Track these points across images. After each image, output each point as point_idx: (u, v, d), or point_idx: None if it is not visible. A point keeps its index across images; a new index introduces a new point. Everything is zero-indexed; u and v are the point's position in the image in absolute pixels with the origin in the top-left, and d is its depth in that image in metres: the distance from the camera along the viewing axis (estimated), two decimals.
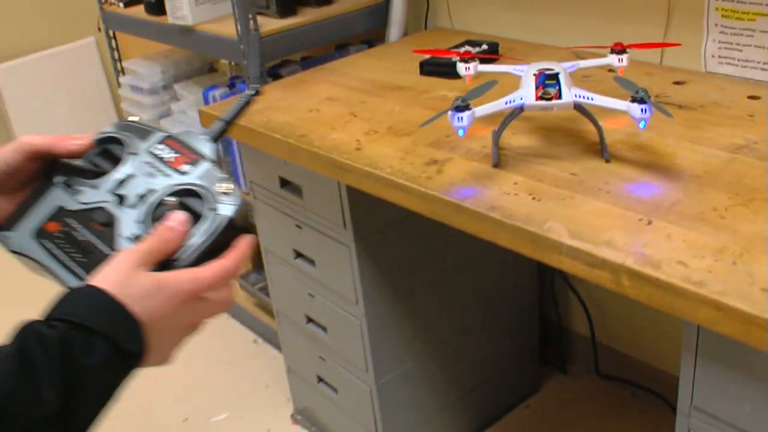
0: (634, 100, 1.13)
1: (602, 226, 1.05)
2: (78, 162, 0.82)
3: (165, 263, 0.72)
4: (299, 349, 1.95)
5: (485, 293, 1.89)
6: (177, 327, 0.72)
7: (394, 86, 1.69)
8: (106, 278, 0.67)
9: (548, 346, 2.16)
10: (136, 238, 0.75)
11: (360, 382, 1.76)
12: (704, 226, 1.03)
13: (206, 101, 2.20)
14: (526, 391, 2.10)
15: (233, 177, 2.26)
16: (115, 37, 2.54)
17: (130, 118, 0.85)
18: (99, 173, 0.81)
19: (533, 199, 1.14)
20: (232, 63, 2.54)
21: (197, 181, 0.78)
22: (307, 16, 2.02)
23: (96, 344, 0.63)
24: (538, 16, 1.86)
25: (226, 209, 0.76)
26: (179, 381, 2.30)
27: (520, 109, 1.21)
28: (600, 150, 1.25)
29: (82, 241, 0.77)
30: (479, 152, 1.30)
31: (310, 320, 1.84)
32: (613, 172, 1.20)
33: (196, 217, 0.76)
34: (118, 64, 2.56)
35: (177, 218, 0.74)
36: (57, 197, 0.80)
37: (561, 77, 1.20)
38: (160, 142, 0.82)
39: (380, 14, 2.13)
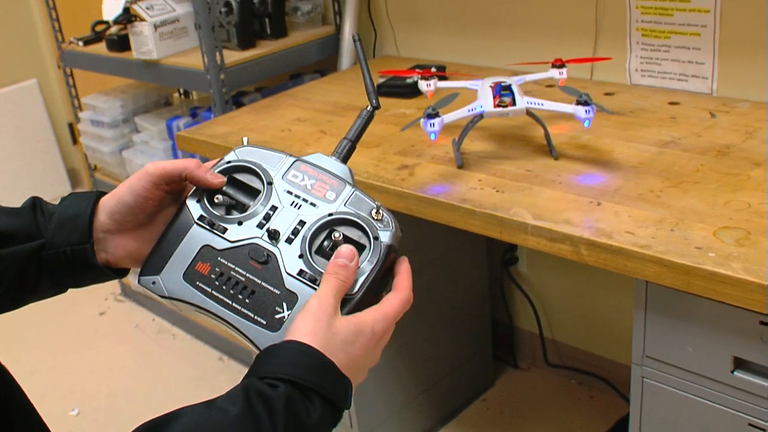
0: (578, 102, 1.33)
1: (559, 209, 1.24)
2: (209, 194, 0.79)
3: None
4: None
5: (442, 298, 2.06)
6: (368, 364, 0.74)
7: (355, 107, 1.86)
8: (309, 331, 0.67)
9: (500, 344, 2.34)
10: (300, 273, 0.74)
11: None
12: (645, 204, 1.22)
13: (170, 131, 2.32)
14: (482, 386, 2.27)
15: None
16: (72, 75, 2.65)
17: (246, 142, 0.82)
18: (237, 205, 0.78)
19: (497, 191, 1.32)
20: (184, 96, 2.68)
21: (350, 209, 0.76)
22: (265, 48, 2.18)
23: (316, 403, 0.65)
24: (478, 41, 2.06)
25: (385, 236, 0.75)
26: (151, 399, 2.39)
27: (480, 116, 1.39)
28: (548, 150, 1.44)
29: (241, 281, 0.74)
30: (443, 157, 1.48)
31: None
32: (563, 167, 1.39)
33: (355, 244, 0.75)
34: (76, 101, 2.67)
35: (347, 254, 0.73)
36: (199, 236, 0.76)
37: (514, 87, 1.39)
38: (294, 168, 0.79)
39: (331, 45, 2.31)
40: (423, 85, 1.57)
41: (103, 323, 2.82)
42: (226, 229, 0.76)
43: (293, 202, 0.77)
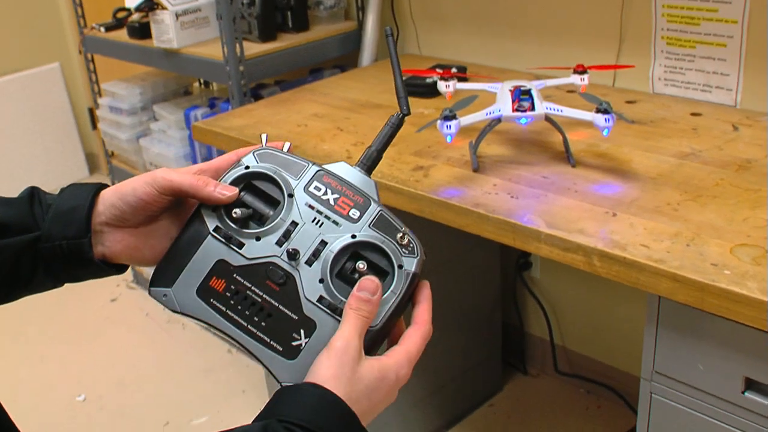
0: (598, 111, 1.31)
1: (574, 218, 1.22)
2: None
3: None
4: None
5: (453, 300, 2.04)
6: (385, 406, 0.71)
7: (373, 104, 1.85)
8: (333, 376, 0.65)
9: (510, 349, 2.32)
10: (320, 300, 0.70)
11: None
12: (661, 217, 1.20)
13: (187, 120, 2.32)
14: (490, 390, 2.25)
15: None
16: (93, 61, 2.65)
17: (265, 140, 0.77)
18: (255, 216, 0.74)
19: (511, 197, 1.30)
20: (204, 86, 2.68)
21: (375, 233, 0.72)
22: (285, 41, 2.17)
23: None
24: (500, 43, 2.04)
25: (410, 264, 0.71)
26: (158, 389, 2.39)
27: (498, 120, 1.37)
28: (566, 157, 1.42)
29: (257, 302, 0.71)
30: (459, 159, 1.46)
31: None
32: (579, 175, 1.37)
33: (377, 270, 0.72)
34: (96, 87, 2.67)
35: (370, 287, 0.69)
36: (214, 249, 0.72)
37: (533, 92, 1.37)
38: (317, 179, 0.74)
39: (352, 40, 2.29)
40: (442, 86, 1.55)
41: (114, 310, 2.82)
42: (243, 244, 0.72)
43: (315, 218, 0.73)
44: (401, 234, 0.72)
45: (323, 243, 0.72)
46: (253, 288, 0.71)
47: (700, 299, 1.05)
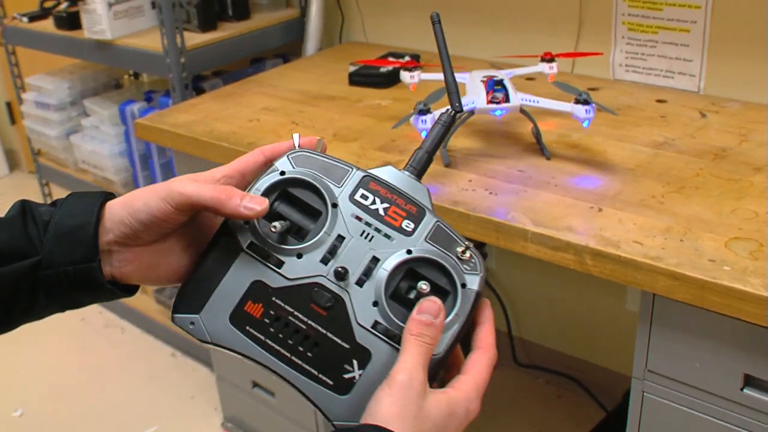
0: (577, 101, 1.26)
1: (560, 215, 1.17)
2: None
3: None
4: (232, 356, 1.98)
5: None
6: None
7: (326, 96, 1.77)
8: (396, 415, 0.57)
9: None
10: (375, 326, 0.62)
11: None
12: (648, 211, 1.17)
13: (123, 116, 2.19)
14: None
15: None
16: (14, 53, 2.49)
17: (297, 141, 0.68)
18: (293, 230, 0.65)
19: (490, 193, 1.25)
20: (134, 78, 2.54)
21: (433, 247, 0.64)
22: (227, 30, 2.06)
23: None
24: (454, 29, 1.98)
25: (473, 282, 0.63)
26: (101, 399, 2.27)
27: (471, 112, 1.32)
28: (538, 149, 1.38)
29: (302, 329, 0.62)
30: None
31: None
32: (556, 167, 1.32)
33: (436, 289, 0.63)
34: (19, 81, 2.51)
35: (432, 309, 0.61)
36: (249, 268, 0.63)
37: (507, 83, 1.32)
38: (363, 186, 0.65)
39: (295, 29, 2.20)
40: (406, 76, 1.48)
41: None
42: (282, 263, 0.63)
43: (364, 231, 0.64)
44: (462, 248, 0.64)
45: (375, 260, 0.63)
46: (295, 313, 0.63)
47: (701, 297, 1.01)
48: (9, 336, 0.67)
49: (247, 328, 0.63)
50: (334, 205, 0.64)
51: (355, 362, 0.62)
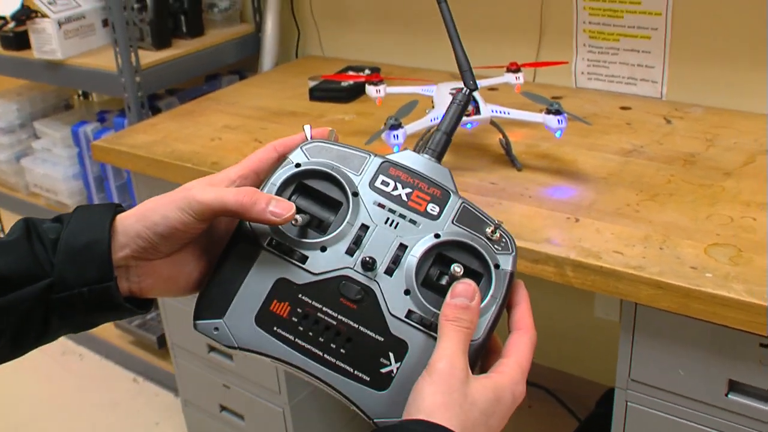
0: (549, 111, 1.25)
1: (537, 226, 1.16)
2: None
3: None
4: (198, 380, 1.93)
5: None
6: (502, 427, 0.59)
7: (287, 112, 1.74)
8: (442, 404, 0.54)
9: None
10: (409, 315, 0.59)
11: (272, 405, 1.77)
12: (624, 220, 1.16)
13: (76, 138, 2.13)
14: None
15: None
16: None
17: (309, 133, 0.65)
18: (313, 223, 0.62)
19: None
20: (84, 98, 2.48)
21: (461, 229, 0.61)
22: (181, 47, 2.02)
23: None
24: (411, 41, 1.97)
25: (506, 262, 0.61)
26: (64, 428, 2.20)
27: None
28: (508, 160, 1.37)
29: (332, 325, 0.59)
30: None
31: (212, 349, 1.83)
32: (528, 178, 1.31)
33: (468, 272, 0.61)
34: None
35: (467, 291, 0.58)
36: (271, 266, 0.60)
37: (476, 95, 1.31)
38: (383, 172, 0.63)
39: (251, 44, 2.17)
40: (372, 90, 1.46)
41: None
42: (306, 258, 0.60)
43: (388, 219, 0.61)
44: (492, 228, 0.61)
45: (402, 247, 0.61)
46: (324, 309, 0.60)
47: (685, 305, 1.01)
48: None
49: (275, 328, 0.60)
50: (355, 194, 0.62)
51: (391, 355, 0.59)
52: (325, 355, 0.59)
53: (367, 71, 1.86)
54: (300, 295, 0.60)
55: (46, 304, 0.59)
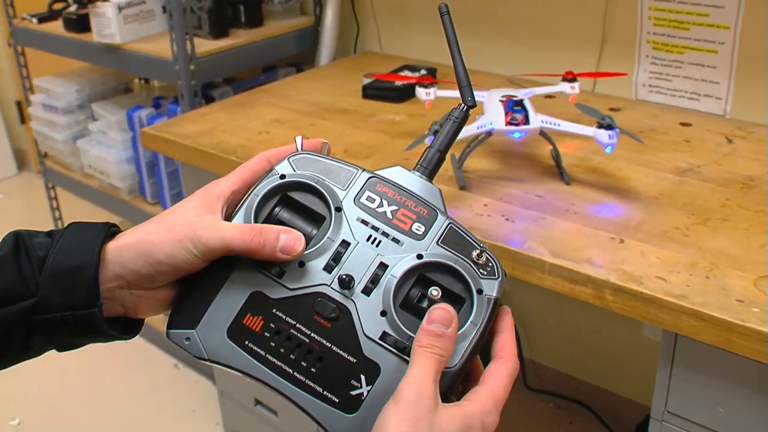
0: (600, 126, 1.20)
1: (579, 245, 1.11)
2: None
3: None
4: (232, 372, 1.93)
5: None
6: None
7: (339, 109, 1.72)
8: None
9: None
10: (383, 337, 0.57)
11: None
12: (672, 244, 1.11)
13: (131, 122, 2.15)
14: None
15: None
16: (23, 54, 2.45)
17: (300, 144, 0.64)
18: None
19: (506, 219, 1.19)
20: (145, 83, 2.50)
21: (445, 251, 0.59)
22: (238, 37, 2.02)
23: None
24: (472, 43, 1.93)
25: (491, 288, 0.58)
26: (99, 410, 2.22)
27: (489, 133, 1.26)
28: (557, 172, 1.32)
29: (305, 343, 0.57)
30: (442, 174, 1.34)
31: None
32: (576, 193, 1.26)
33: (450, 296, 0.59)
34: (27, 82, 2.47)
35: (443, 317, 0.56)
36: (247, 279, 0.59)
37: (527, 104, 1.26)
38: (369, 188, 0.61)
39: (309, 37, 2.15)
40: (422, 93, 1.43)
41: None
42: (283, 272, 0.59)
43: (370, 236, 0.59)
44: (478, 251, 0.59)
45: (383, 266, 0.59)
46: (298, 325, 0.58)
47: (728, 340, 0.95)
48: None
49: (247, 342, 0.58)
50: (338, 209, 0.60)
51: (362, 377, 0.57)
52: (295, 373, 0.57)
53: (423, 71, 1.82)
54: (274, 310, 0.58)
55: (27, 324, 0.58)
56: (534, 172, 1.35)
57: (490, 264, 0.59)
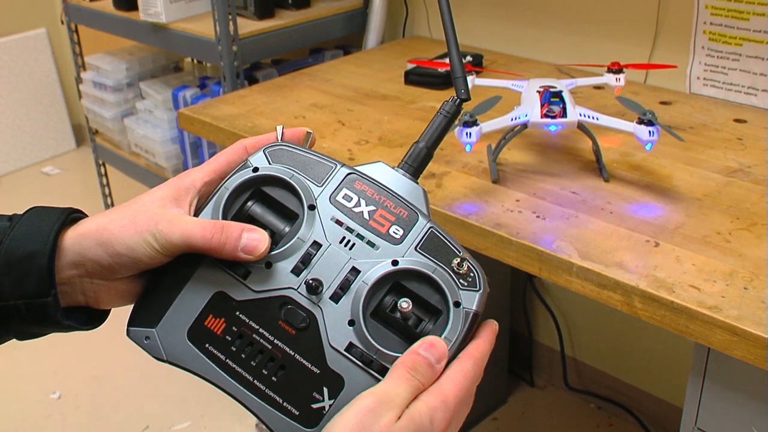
0: (641, 122, 1.14)
1: (611, 247, 1.05)
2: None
3: None
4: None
5: None
6: None
7: (379, 95, 1.68)
8: None
9: (517, 358, 2.17)
10: (350, 349, 0.54)
11: None
12: (711, 250, 1.04)
13: (176, 101, 2.14)
14: (494, 402, 2.10)
15: None
16: (77, 31, 2.46)
17: (281, 134, 0.61)
18: (268, 234, 0.56)
19: (537, 217, 1.14)
20: (197, 62, 2.49)
21: (423, 258, 0.55)
22: (284, 19, 1.99)
23: None
24: (521, 30, 1.87)
25: (470, 301, 0.55)
26: (139, 389, 2.24)
27: (524, 126, 1.21)
28: (598, 169, 1.26)
29: (267, 349, 0.54)
30: (476, 167, 1.29)
31: None
32: (614, 191, 1.20)
33: (425, 308, 0.55)
34: (80, 59, 2.48)
35: (438, 352, 0.53)
36: (211, 278, 0.56)
37: (565, 95, 1.20)
38: (347, 185, 0.57)
39: (357, 20, 2.11)
40: None
41: None
42: (248, 273, 0.56)
43: (344, 238, 0.56)
44: (458, 260, 0.55)
45: (354, 271, 0.55)
46: (261, 330, 0.55)
47: (762, 358, 0.89)
48: None
49: (207, 345, 0.55)
50: (312, 207, 0.56)
51: (325, 390, 0.54)
52: (255, 381, 0.54)
53: (468, 58, 1.77)
54: (237, 313, 0.55)
55: None
56: (572, 167, 1.29)
57: (471, 274, 0.55)
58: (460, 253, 0.55)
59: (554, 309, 2.06)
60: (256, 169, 0.57)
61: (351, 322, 0.54)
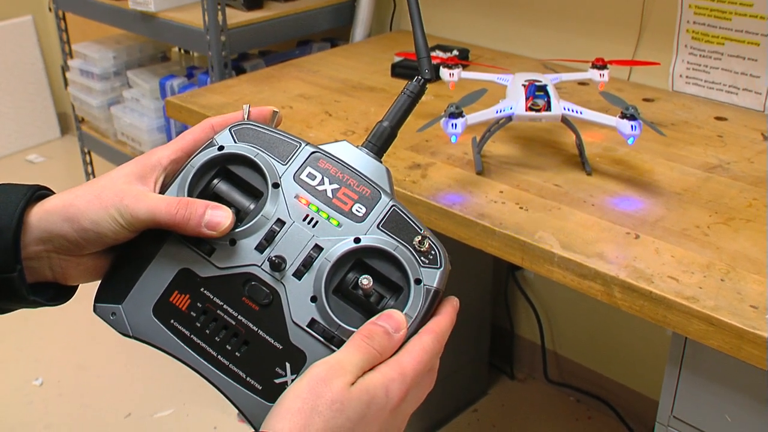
0: (623, 116, 1.16)
1: (592, 239, 1.07)
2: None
3: None
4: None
5: None
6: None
7: (366, 87, 1.69)
8: (296, 411, 0.49)
9: (498, 351, 2.19)
10: (312, 325, 0.55)
11: None
12: (689, 242, 1.06)
13: (163, 90, 2.15)
14: (474, 395, 2.12)
15: None
16: (64, 18, 2.46)
17: (247, 113, 0.61)
18: (233, 212, 0.57)
19: (521, 208, 1.16)
20: (184, 52, 2.49)
21: (384, 236, 0.56)
22: (273, 10, 1.99)
23: None
24: (507, 26, 1.88)
25: (431, 278, 0.56)
26: (121, 375, 2.24)
27: (509, 118, 1.22)
28: (581, 162, 1.28)
29: (231, 325, 0.56)
30: (461, 158, 1.31)
31: None
32: (596, 185, 1.22)
33: (387, 285, 0.56)
34: (67, 47, 2.48)
35: (396, 322, 0.54)
36: (177, 254, 0.57)
37: (549, 89, 1.22)
38: (311, 164, 0.58)
39: (345, 13, 2.12)
40: (445, 73, 1.40)
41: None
42: (213, 250, 0.57)
43: (307, 216, 0.57)
44: (420, 238, 0.56)
45: (317, 248, 0.56)
46: (225, 307, 0.56)
47: (737, 347, 0.91)
48: None
49: (172, 321, 0.57)
50: (276, 185, 0.57)
51: (288, 365, 0.55)
52: (219, 356, 0.55)
53: (454, 52, 1.78)
54: (201, 289, 0.56)
55: None
56: (556, 160, 1.31)
57: (432, 252, 0.56)
58: (421, 231, 0.57)
59: (536, 303, 2.08)
60: (221, 148, 0.58)
61: (313, 299, 0.55)
